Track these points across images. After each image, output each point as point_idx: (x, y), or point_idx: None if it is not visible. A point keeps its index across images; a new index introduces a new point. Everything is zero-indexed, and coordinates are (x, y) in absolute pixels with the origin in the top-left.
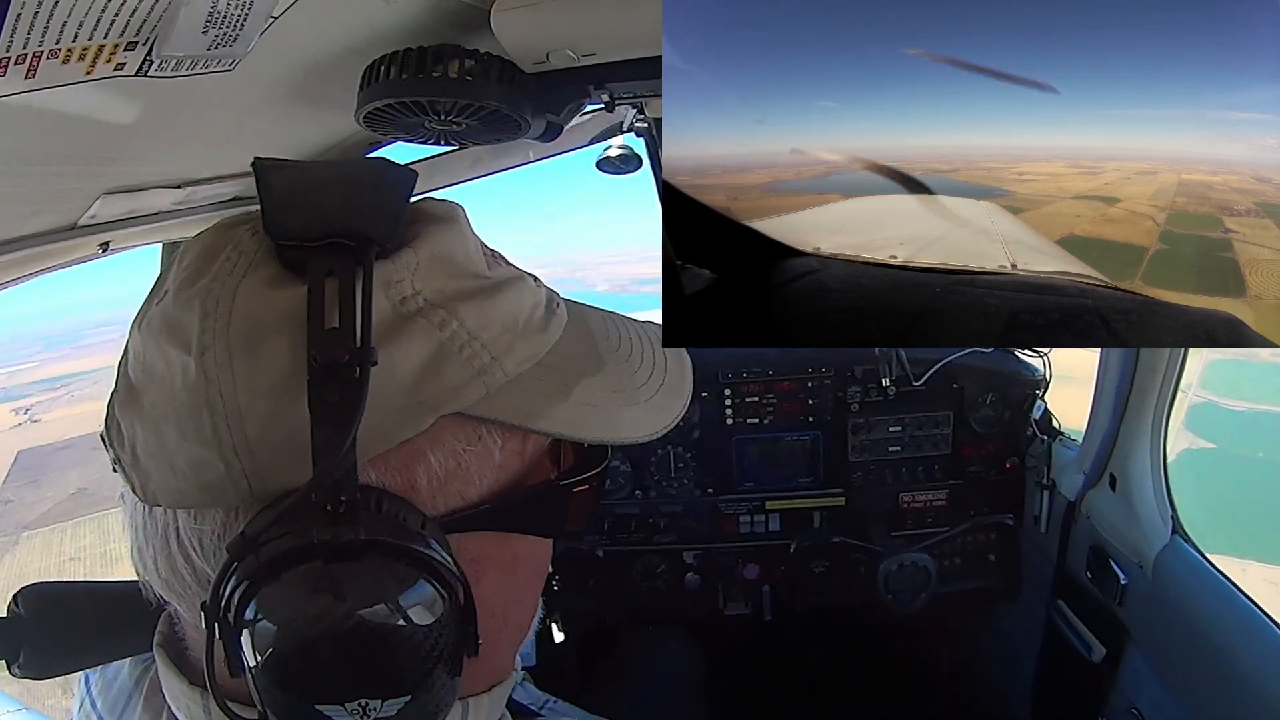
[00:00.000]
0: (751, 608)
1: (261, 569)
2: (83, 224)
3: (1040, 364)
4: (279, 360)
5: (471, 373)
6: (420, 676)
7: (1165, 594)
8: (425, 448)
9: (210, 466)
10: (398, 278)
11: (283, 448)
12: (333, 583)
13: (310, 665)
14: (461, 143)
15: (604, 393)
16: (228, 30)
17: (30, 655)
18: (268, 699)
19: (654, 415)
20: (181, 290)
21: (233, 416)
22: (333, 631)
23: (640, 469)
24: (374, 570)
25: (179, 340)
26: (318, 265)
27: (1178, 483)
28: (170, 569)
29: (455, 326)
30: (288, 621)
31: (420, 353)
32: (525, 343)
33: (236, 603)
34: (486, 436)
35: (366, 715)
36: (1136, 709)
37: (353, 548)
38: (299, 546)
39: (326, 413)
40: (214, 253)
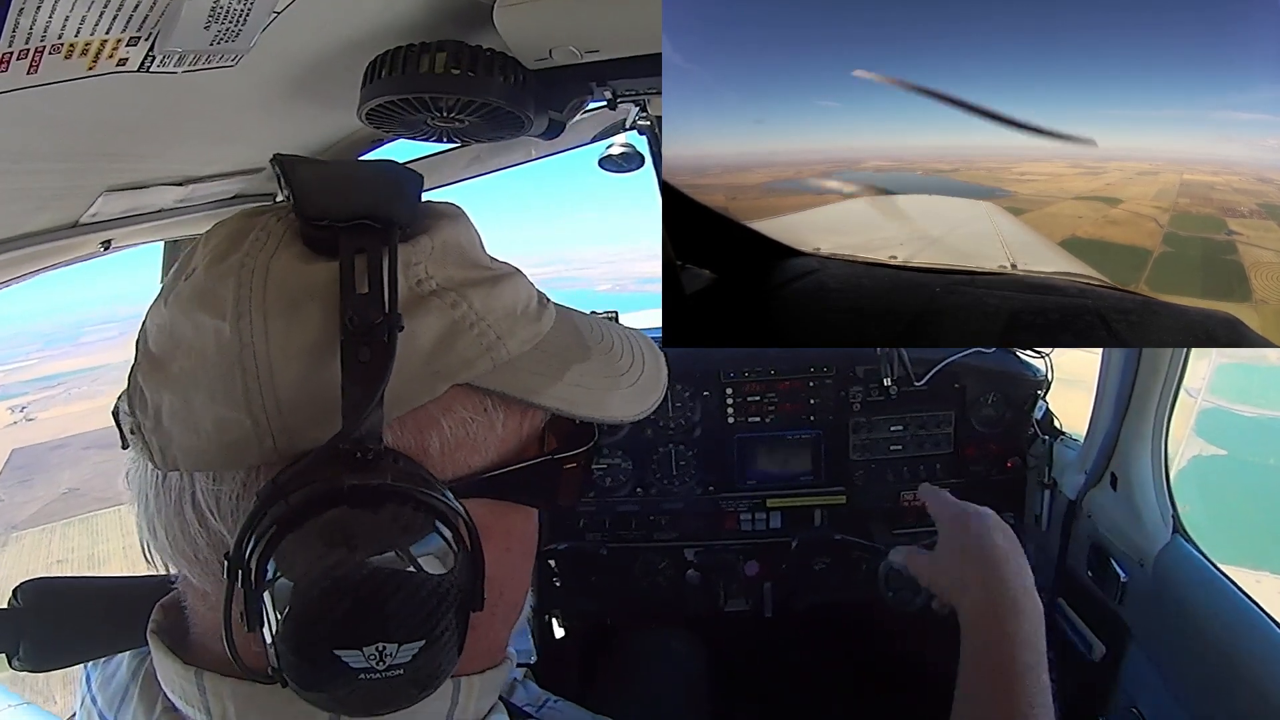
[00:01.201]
0: (752, 605)
1: (290, 513)
2: (84, 222)
3: (1042, 364)
4: (313, 325)
5: (480, 348)
6: (434, 622)
7: (1166, 593)
8: (438, 415)
9: (237, 425)
10: (415, 261)
11: (311, 408)
12: (359, 527)
13: (332, 609)
14: (464, 140)
15: (592, 377)
16: (230, 26)
17: (30, 648)
18: (286, 647)
19: (636, 399)
20: (213, 265)
21: (264, 377)
22: (357, 574)
23: (642, 467)
24: (398, 517)
25: (213, 308)
26: (348, 243)
27: (1189, 492)
28: (184, 535)
29: (465, 308)
30: (313, 565)
31: (436, 327)
32: (524, 327)
33: (263, 548)
34: (491, 409)
35: (382, 660)
36: (1137, 708)
37: (380, 493)
38: (328, 491)
39: (357, 371)
40: (242, 234)
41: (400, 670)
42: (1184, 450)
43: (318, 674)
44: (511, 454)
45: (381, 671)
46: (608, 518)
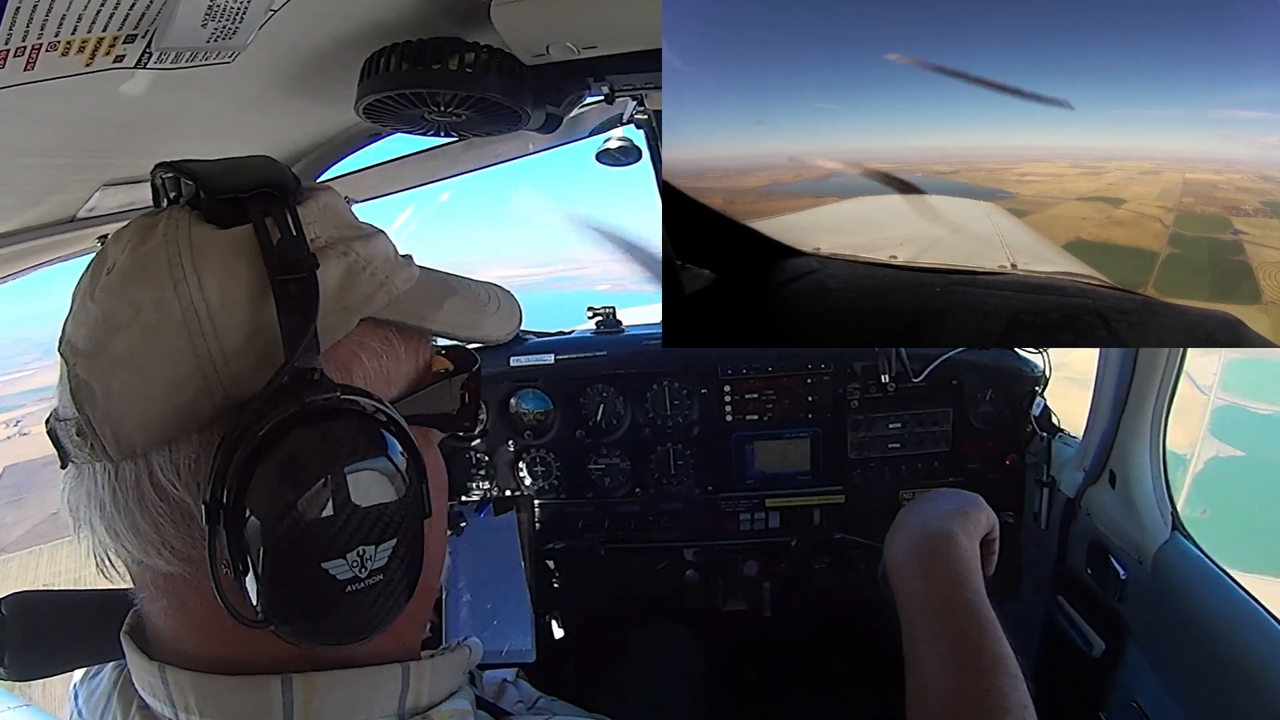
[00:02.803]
0: (751, 604)
1: (260, 442)
2: (81, 216)
3: (1040, 361)
4: (243, 276)
5: (375, 284)
6: (400, 520)
7: (1165, 589)
8: (355, 349)
9: (187, 384)
10: (309, 220)
11: (255, 351)
12: (324, 441)
13: (314, 522)
14: (461, 134)
15: (464, 307)
16: (227, 23)
17: (15, 658)
18: (276, 575)
19: (503, 324)
20: (135, 251)
21: (208, 331)
22: (332, 484)
23: (640, 467)
24: (356, 427)
25: (149, 283)
26: (255, 208)
27: (1209, 497)
28: (144, 519)
29: (355, 255)
30: (289, 486)
31: (337, 270)
32: (402, 270)
33: (238, 484)
34: (394, 340)
35: (364, 565)
36: (1136, 703)
37: (336, 408)
38: (293, 412)
39: (290, 305)
40: (151, 227)
41: (380, 575)
42: (1200, 452)
43: (309, 596)
44: (415, 383)
45: (365, 580)
46: (606, 518)
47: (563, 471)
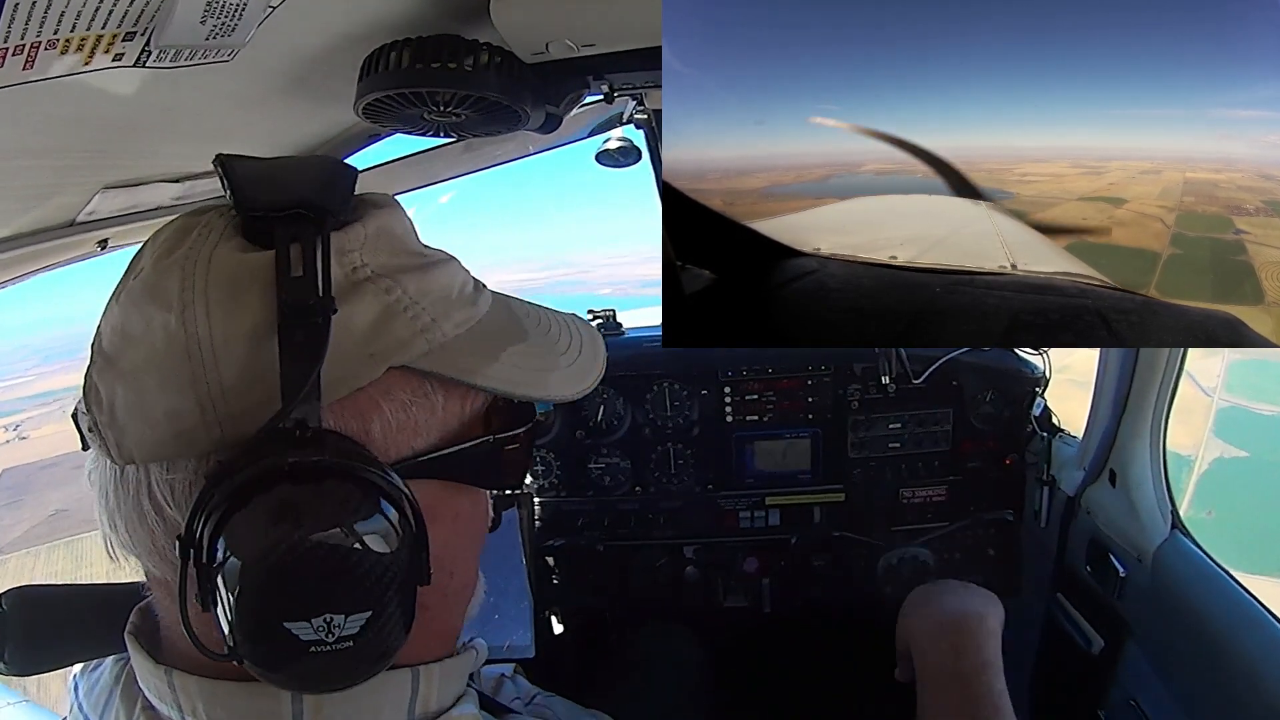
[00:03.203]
0: (751, 602)
1: (236, 492)
2: (81, 220)
3: (1040, 361)
4: (252, 310)
5: (416, 329)
6: (379, 593)
7: (1164, 588)
8: (378, 397)
9: (186, 414)
10: (349, 248)
11: (254, 392)
12: (301, 502)
13: (278, 582)
14: (460, 134)
15: (530, 357)
16: (226, 20)
17: (15, 653)
18: (239, 623)
19: (575, 378)
20: (160, 260)
21: (209, 364)
22: (301, 547)
23: (640, 465)
24: (338, 491)
25: (160, 301)
26: (283, 231)
27: (1214, 499)
28: (142, 525)
29: (399, 293)
30: (259, 541)
31: (370, 311)
32: (459, 310)
33: (212, 528)
34: (431, 392)
35: (330, 632)
36: (1135, 702)
37: (320, 470)
38: (270, 469)
39: (294, 351)
40: (186, 231)
41: (350, 642)
42: (1204, 453)
43: (270, 649)
44: (453, 435)
45: (331, 644)
46: (606, 516)
47: (563, 470)
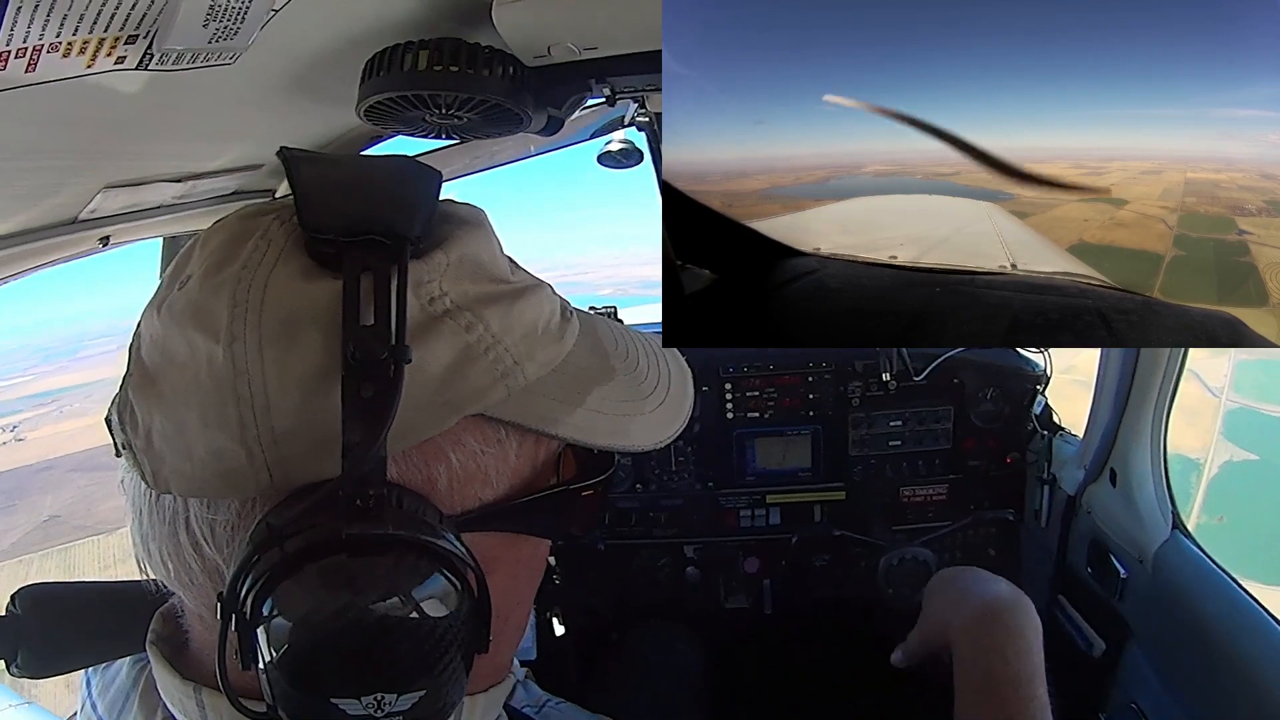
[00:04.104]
0: (752, 601)
1: (286, 561)
2: (83, 218)
3: (1041, 360)
4: (312, 353)
5: (495, 375)
6: (435, 672)
7: (1165, 589)
8: (447, 447)
9: (232, 455)
10: (428, 278)
11: (309, 441)
12: (357, 577)
13: (329, 658)
14: (462, 136)
15: (615, 401)
16: (228, 24)
17: (28, 655)
18: (281, 692)
19: (660, 425)
20: (208, 276)
21: (260, 407)
22: (354, 624)
23: (641, 463)
24: (398, 565)
25: (206, 327)
26: (353, 261)
27: (1223, 501)
28: (178, 559)
29: (481, 330)
30: (309, 614)
31: (447, 353)
32: (544, 349)
33: (256, 594)
34: (505, 439)
35: (380, 709)
36: (1136, 704)
37: (379, 543)
38: (326, 540)
39: (359, 408)
40: (240, 240)
41: (399, 717)
42: (1214, 456)
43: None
44: (525, 483)
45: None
46: (606, 514)
47: None
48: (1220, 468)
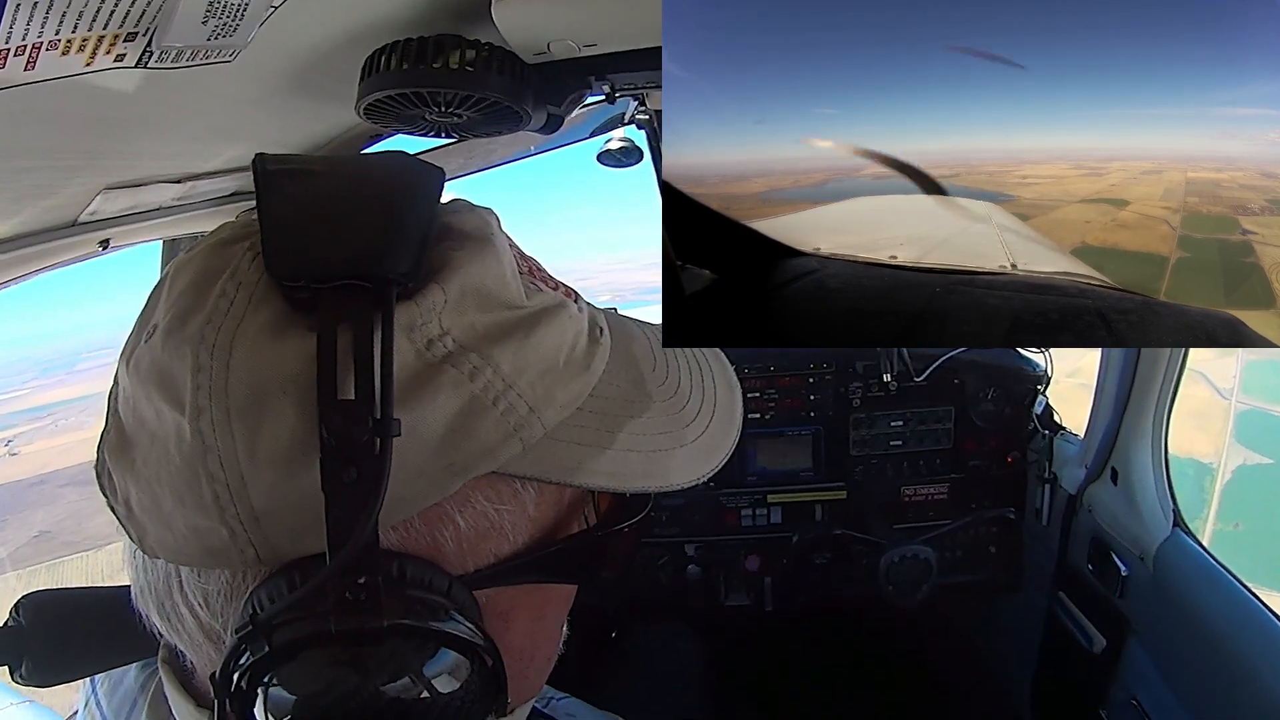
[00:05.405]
0: (753, 600)
1: (275, 655)
2: (83, 220)
3: (1042, 359)
4: (285, 427)
5: (507, 429)
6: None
7: (1166, 586)
8: (452, 511)
9: (212, 533)
10: (423, 319)
11: (292, 519)
12: (352, 667)
13: None
14: (461, 135)
15: (651, 435)
16: (227, 21)
17: (32, 664)
18: None
19: (703, 456)
20: (172, 332)
21: (235, 486)
22: (352, 711)
23: None
24: (396, 652)
25: (170, 396)
26: (328, 312)
27: (1239, 507)
28: (175, 617)
29: (489, 375)
30: (303, 703)
31: (449, 408)
32: (566, 386)
33: (247, 685)
34: (521, 491)
35: None
36: (1136, 700)
37: (374, 634)
38: (315, 634)
39: (341, 493)
40: (208, 280)
41: None
42: (1226, 461)
43: None
44: (547, 532)
45: None
46: None
47: None
48: (1234, 472)
